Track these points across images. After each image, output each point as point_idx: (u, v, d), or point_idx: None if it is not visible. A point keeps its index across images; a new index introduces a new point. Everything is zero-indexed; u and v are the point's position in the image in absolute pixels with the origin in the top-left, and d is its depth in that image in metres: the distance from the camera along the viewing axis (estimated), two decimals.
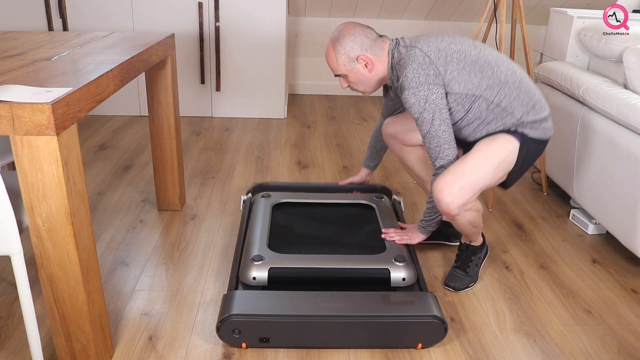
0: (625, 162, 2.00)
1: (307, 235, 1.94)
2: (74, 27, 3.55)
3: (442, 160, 1.69)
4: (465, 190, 1.65)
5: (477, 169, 1.67)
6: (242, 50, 3.65)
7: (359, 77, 1.79)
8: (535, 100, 1.74)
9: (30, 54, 1.67)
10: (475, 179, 1.67)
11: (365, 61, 1.75)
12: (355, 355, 1.58)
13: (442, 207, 1.68)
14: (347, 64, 1.76)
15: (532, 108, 1.73)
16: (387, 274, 1.71)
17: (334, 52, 1.76)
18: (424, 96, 1.64)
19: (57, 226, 1.28)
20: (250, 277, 1.69)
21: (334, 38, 1.76)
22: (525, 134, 1.74)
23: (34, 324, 1.36)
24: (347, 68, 1.77)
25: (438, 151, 1.69)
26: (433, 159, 1.71)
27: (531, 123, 1.73)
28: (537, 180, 2.86)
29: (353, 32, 1.74)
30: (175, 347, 1.60)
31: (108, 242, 2.15)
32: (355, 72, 1.77)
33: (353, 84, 1.82)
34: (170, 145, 2.28)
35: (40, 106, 1.16)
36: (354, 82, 1.81)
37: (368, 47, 1.74)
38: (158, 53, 1.98)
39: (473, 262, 1.94)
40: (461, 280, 1.91)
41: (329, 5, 4.12)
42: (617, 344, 1.68)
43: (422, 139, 1.72)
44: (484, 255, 2.01)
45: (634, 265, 2.11)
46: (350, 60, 1.75)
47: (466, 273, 1.92)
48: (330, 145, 3.32)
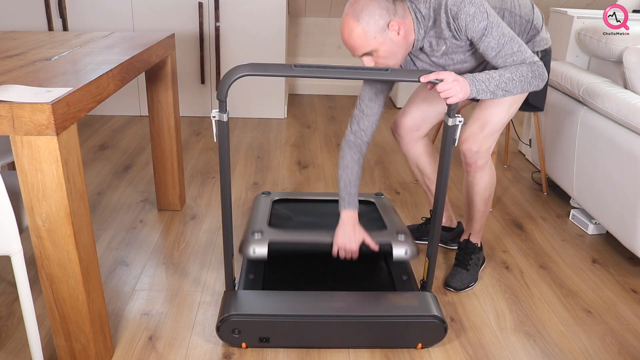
0: (625, 162, 2.00)
1: (307, 220, 1.95)
2: (74, 27, 3.55)
3: (532, 58, 1.58)
4: (487, 137, 1.77)
5: (493, 114, 1.75)
6: (242, 50, 3.65)
7: (392, 48, 1.55)
8: (530, 7, 1.78)
9: (30, 54, 1.67)
10: (494, 122, 1.76)
11: (398, 26, 1.53)
12: (355, 355, 1.59)
13: (469, 156, 1.78)
14: (379, 35, 1.51)
15: (534, 15, 1.76)
16: (389, 249, 1.73)
17: (360, 26, 1.50)
18: (480, 3, 1.52)
19: (57, 226, 1.28)
20: (250, 251, 1.70)
21: (354, 12, 1.51)
22: (538, 51, 1.78)
23: (34, 324, 1.36)
24: (378, 40, 1.52)
25: (523, 51, 1.57)
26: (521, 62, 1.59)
27: (538, 33, 1.77)
28: (537, 180, 2.86)
29: (372, 0, 1.51)
30: (175, 347, 1.60)
31: (108, 242, 2.15)
32: (388, 43, 1.54)
33: (383, 58, 1.56)
34: (170, 145, 2.29)
35: (40, 106, 1.16)
36: (385, 55, 1.55)
37: (394, 11, 1.53)
38: (158, 53, 1.98)
39: (473, 260, 1.95)
40: (462, 279, 1.90)
41: (329, 5, 4.12)
42: (617, 344, 1.68)
43: (497, 55, 1.57)
44: (482, 259, 2.01)
45: (634, 265, 2.11)
46: (381, 29, 1.51)
47: (467, 270, 1.92)
48: (330, 145, 3.32)
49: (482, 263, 2.02)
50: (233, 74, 1.41)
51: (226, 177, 1.53)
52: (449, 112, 1.50)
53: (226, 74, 1.41)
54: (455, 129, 1.50)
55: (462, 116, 1.52)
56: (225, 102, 1.43)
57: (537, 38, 1.79)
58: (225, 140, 1.48)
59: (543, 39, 1.81)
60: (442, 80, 1.46)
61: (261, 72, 1.42)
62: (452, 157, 1.95)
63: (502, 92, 1.55)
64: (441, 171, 1.58)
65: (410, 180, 2.82)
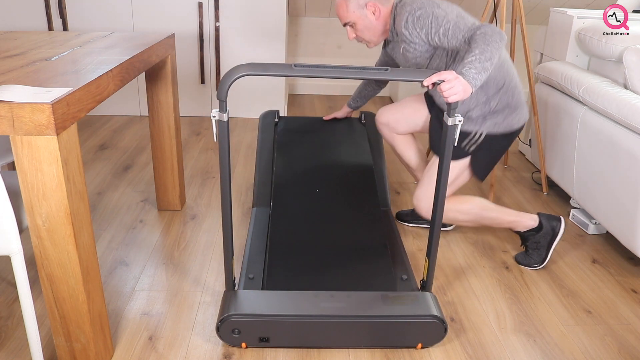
0: (625, 162, 2.00)
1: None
2: (74, 27, 3.55)
3: (472, 26, 1.73)
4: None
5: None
6: (242, 50, 3.65)
7: (366, 24, 1.91)
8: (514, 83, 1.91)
9: (30, 54, 1.67)
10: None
11: (374, 8, 1.88)
12: (355, 355, 1.59)
13: (423, 214, 2.02)
14: (357, 10, 1.89)
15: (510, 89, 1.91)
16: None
17: (345, 0, 1.90)
18: (421, 4, 1.80)
19: (57, 226, 1.28)
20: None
21: None
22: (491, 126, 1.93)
23: (34, 324, 1.36)
24: (356, 15, 1.89)
25: (476, 27, 1.72)
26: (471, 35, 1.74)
27: (502, 109, 1.91)
28: (537, 180, 2.86)
29: None
30: (175, 347, 1.60)
31: (108, 242, 2.15)
32: (363, 19, 1.89)
33: (360, 32, 1.93)
34: (170, 145, 2.29)
35: (40, 106, 1.16)
36: (361, 29, 1.92)
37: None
38: (158, 53, 1.98)
39: (529, 245, 2.06)
40: (525, 258, 2.09)
41: (329, 5, 4.12)
42: (617, 344, 1.68)
43: (444, 35, 1.77)
44: (544, 239, 2.04)
45: (634, 265, 2.11)
46: (360, 6, 1.88)
47: (526, 253, 2.09)
48: None
49: (546, 243, 2.04)
50: (233, 73, 1.41)
51: (226, 177, 1.53)
52: (449, 111, 1.50)
53: (226, 73, 1.41)
54: (455, 128, 1.50)
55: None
56: (225, 101, 1.43)
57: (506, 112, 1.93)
58: (225, 140, 1.48)
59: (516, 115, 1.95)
60: (444, 80, 1.49)
61: (261, 72, 1.42)
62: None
63: (488, 64, 1.62)
64: (441, 171, 1.58)
65: (410, 180, 2.82)
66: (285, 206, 2.10)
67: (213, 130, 2.08)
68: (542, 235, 2.02)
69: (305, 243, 1.92)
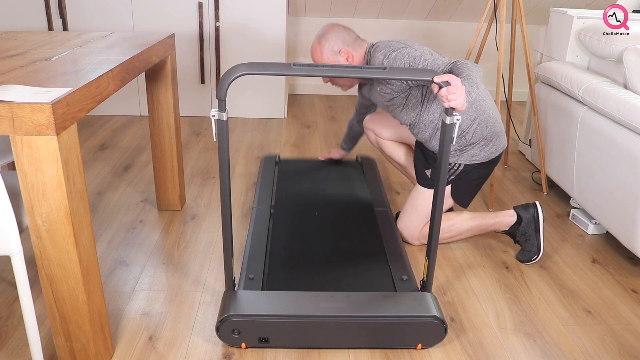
0: (625, 162, 2.00)
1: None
2: (74, 27, 3.55)
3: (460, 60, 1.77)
4: (421, 223, 2.11)
5: (424, 201, 2.08)
6: (242, 50, 3.65)
7: None
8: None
9: (30, 54, 1.67)
10: (426, 211, 2.07)
11: (347, 55, 1.96)
12: (355, 356, 1.59)
13: (410, 241, 2.14)
14: (331, 57, 1.97)
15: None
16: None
17: (319, 47, 1.98)
18: (395, 46, 1.88)
19: (57, 226, 1.28)
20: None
21: (320, 35, 1.99)
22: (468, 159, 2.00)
23: (34, 324, 1.36)
24: (330, 60, 1.98)
25: (453, 61, 1.77)
26: (450, 68, 1.78)
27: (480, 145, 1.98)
28: (537, 180, 2.86)
29: (336, 30, 1.98)
30: (175, 347, 1.60)
31: (108, 242, 2.15)
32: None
33: (334, 77, 1.95)
34: (170, 145, 2.29)
35: (40, 106, 1.16)
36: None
37: (349, 43, 1.97)
38: (158, 53, 1.98)
39: (519, 239, 2.09)
40: (523, 254, 2.10)
41: (329, 5, 4.12)
42: (617, 344, 1.68)
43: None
44: (528, 226, 2.06)
45: (634, 265, 2.11)
46: (334, 52, 1.97)
47: (523, 250, 2.10)
48: (330, 145, 3.32)
49: (533, 231, 2.06)
50: (232, 73, 1.41)
51: (226, 177, 1.53)
52: (447, 110, 1.50)
53: (225, 73, 1.41)
54: (453, 127, 1.50)
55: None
56: (224, 101, 1.43)
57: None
58: (224, 140, 1.48)
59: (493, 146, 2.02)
60: (452, 84, 1.49)
61: (260, 71, 1.42)
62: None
63: (474, 87, 1.67)
64: (440, 171, 1.58)
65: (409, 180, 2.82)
66: (285, 207, 2.10)
67: (213, 130, 2.08)
68: (526, 226, 2.06)
69: (305, 243, 1.93)
